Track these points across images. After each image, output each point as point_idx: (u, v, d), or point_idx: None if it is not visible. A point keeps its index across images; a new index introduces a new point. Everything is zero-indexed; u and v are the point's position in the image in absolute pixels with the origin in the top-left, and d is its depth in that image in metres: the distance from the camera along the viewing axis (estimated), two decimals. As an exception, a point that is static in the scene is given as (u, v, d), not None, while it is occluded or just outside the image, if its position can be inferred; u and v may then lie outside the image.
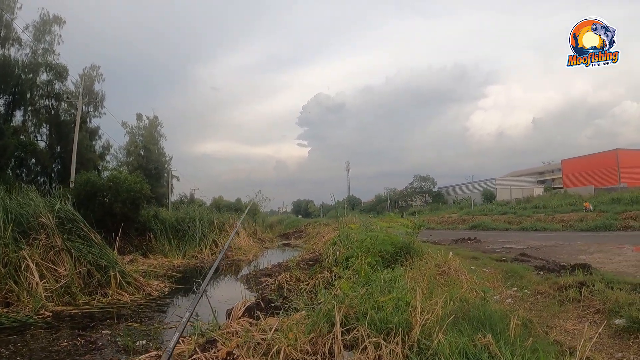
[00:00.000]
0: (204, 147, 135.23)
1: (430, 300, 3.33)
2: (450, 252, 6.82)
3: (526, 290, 5.95)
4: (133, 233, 15.87)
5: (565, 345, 3.41)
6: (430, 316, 2.98)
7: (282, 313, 3.86)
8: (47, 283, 7.78)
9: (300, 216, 70.10)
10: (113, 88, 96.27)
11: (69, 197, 12.06)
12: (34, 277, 7.59)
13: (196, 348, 3.43)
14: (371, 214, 61.57)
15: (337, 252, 7.97)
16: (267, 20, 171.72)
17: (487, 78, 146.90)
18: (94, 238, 9.59)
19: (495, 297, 5.24)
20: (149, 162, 42.48)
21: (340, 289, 3.65)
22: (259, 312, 4.26)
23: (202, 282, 4.27)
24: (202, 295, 4.11)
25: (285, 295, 6.79)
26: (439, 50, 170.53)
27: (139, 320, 6.69)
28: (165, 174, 46.74)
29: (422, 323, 2.87)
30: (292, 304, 4.45)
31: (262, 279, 9.70)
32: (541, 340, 3.09)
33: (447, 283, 5.07)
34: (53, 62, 28.11)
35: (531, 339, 2.87)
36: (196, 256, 15.83)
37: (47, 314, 6.90)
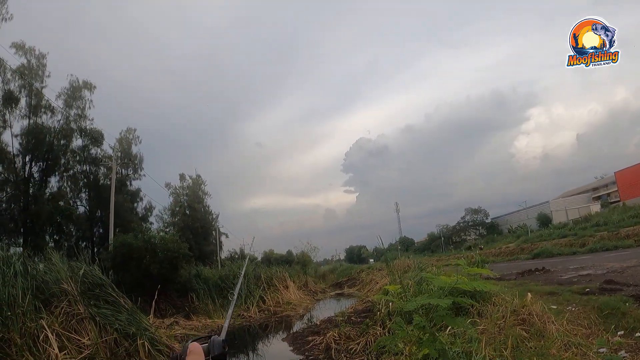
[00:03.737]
0: (252, 202, 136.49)
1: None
2: (529, 294, 5.47)
3: (638, 334, 4.53)
4: (174, 294, 15.33)
5: None
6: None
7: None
8: (68, 354, 7.17)
9: (371, 261, 67.16)
10: (154, 150, 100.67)
11: (98, 260, 11.78)
12: (54, 348, 6.98)
13: None
14: (425, 253, 58.95)
15: (390, 304, 7.09)
16: (302, 74, 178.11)
17: (527, 101, 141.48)
18: (123, 303, 9.08)
19: (601, 349, 3.91)
20: (195, 221, 42.38)
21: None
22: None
23: None
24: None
25: (333, 357, 6.30)
26: (474, 80, 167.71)
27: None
28: (213, 232, 46.44)
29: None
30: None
31: (310, 338, 9.03)
32: None
33: (532, 336, 3.83)
34: (87, 127, 28.66)
35: None
36: (242, 315, 15.01)
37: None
